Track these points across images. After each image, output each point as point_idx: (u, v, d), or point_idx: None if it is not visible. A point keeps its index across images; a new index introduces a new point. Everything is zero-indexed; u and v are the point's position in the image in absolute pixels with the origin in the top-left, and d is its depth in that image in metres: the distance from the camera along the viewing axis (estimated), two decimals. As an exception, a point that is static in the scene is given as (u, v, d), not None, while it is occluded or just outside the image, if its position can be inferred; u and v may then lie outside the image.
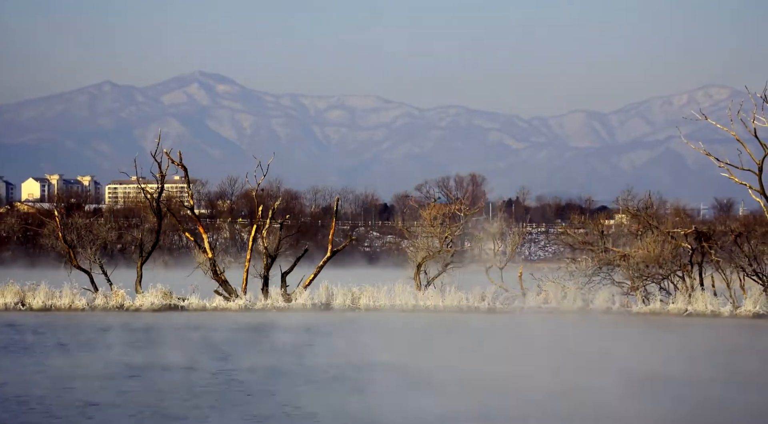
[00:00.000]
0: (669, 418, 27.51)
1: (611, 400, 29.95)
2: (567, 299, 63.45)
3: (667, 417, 27.55)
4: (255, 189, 69.60)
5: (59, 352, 41.86)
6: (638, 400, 29.84)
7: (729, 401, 30.22)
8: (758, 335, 52.71)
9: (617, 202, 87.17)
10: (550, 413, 28.03)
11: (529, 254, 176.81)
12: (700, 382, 34.22)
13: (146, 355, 40.75)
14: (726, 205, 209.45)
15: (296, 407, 28.88)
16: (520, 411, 28.24)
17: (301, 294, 65.06)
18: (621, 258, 64.50)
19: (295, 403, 29.43)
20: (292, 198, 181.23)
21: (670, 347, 45.49)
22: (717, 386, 33.38)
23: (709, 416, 28.00)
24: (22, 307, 63.66)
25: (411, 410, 28.26)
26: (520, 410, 28.44)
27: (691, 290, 62.71)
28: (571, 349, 44.13)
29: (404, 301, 64.84)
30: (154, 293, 64.50)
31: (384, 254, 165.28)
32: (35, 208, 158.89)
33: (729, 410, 28.82)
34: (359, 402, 29.75)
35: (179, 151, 67.59)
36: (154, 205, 69.17)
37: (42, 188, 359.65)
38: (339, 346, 44.70)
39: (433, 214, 69.65)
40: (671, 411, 28.32)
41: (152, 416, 27.50)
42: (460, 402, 29.63)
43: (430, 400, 29.94)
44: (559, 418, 27.42)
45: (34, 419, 27.32)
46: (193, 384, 32.93)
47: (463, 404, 29.28)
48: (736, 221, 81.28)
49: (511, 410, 28.42)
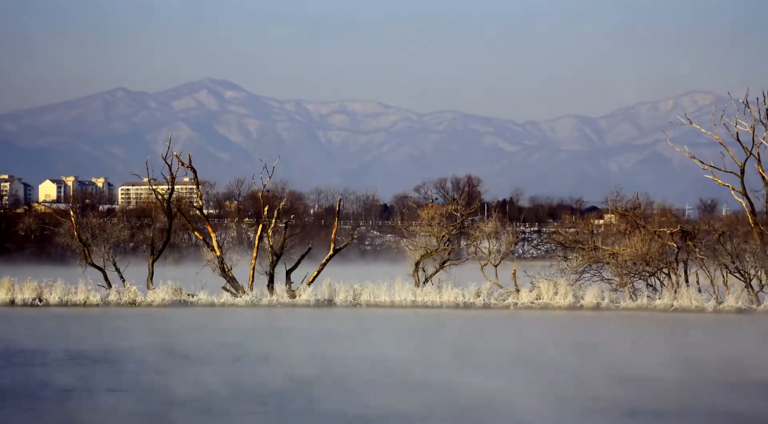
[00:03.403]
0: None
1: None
2: (558, 295, 63.41)
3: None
4: (261, 190, 69.63)
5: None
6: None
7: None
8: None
9: (606, 203, 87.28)
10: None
11: (522, 252, 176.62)
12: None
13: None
14: (710, 206, 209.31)
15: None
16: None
17: (305, 290, 65.02)
18: (610, 256, 64.47)
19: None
20: (296, 199, 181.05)
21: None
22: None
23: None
24: (39, 302, 63.64)
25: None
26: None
27: (676, 287, 62.68)
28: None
29: (403, 297, 64.77)
30: (165, 289, 64.46)
31: (384, 252, 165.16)
32: (52, 209, 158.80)
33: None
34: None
35: (189, 154, 67.57)
36: (164, 205, 69.13)
37: (58, 189, 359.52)
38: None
39: (430, 214, 69.58)
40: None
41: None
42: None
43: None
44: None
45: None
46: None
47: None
48: (720, 221, 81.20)
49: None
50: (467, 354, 39.58)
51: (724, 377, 33.53)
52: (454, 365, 36.46)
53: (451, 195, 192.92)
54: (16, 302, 63.75)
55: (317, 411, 27.09)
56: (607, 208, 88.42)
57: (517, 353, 40.32)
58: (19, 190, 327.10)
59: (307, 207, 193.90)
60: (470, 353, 39.97)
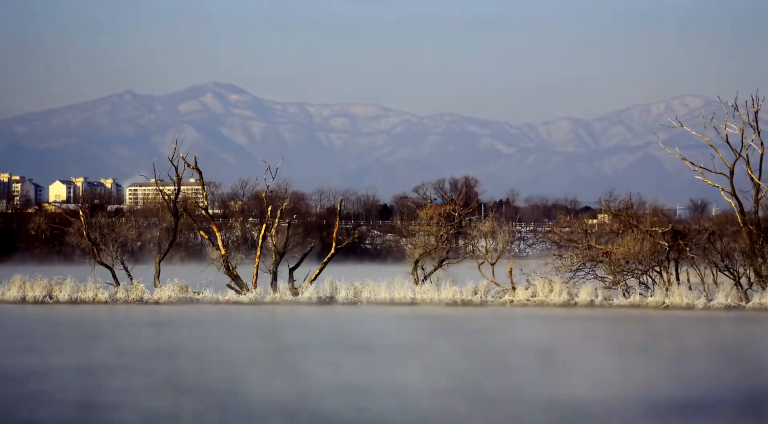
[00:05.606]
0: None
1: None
2: (553, 292, 63.45)
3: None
4: (264, 191, 69.66)
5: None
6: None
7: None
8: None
9: (600, 203, 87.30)
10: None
11: (518, 251, 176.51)
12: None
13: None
14: (700, 206, 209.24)
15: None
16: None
17: (307, 288, 65.06)
18: (603, 255, 64.51)
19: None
20: (298, 199, 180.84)
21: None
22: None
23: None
24: (49, 300, 63.72)
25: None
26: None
27: (668, 285, 62.73)
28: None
29: (403, 295, 64.80)
30: (172, 287, 64.50)
31: (384, 251, 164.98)
32: (62, 209, 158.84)
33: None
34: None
35: (194, 155, 67.65)
36: (171, 205, 69.18)
37: (68, 190, 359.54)
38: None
39: (429, 214, 69.65)
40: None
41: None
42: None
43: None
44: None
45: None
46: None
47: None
48: (710, 221, 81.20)
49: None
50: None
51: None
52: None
53: (449, 195, 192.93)
54: (27, 299, 63.86)
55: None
56: (601, 209, 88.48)
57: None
58: (30, 190, 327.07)
59: (309, 207, 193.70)
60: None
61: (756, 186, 63.70)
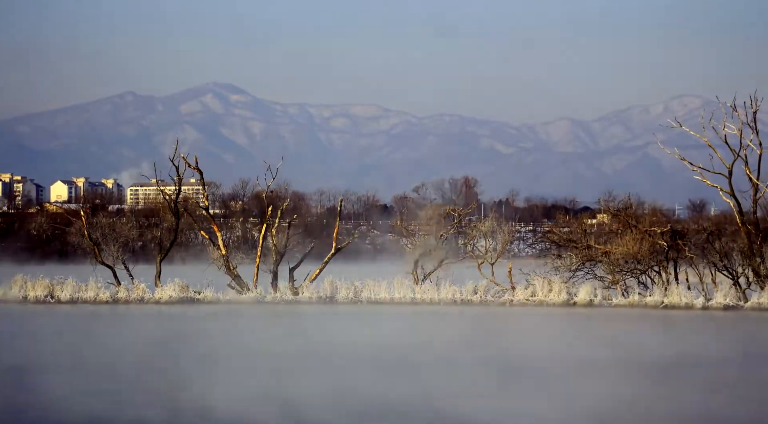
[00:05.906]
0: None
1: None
2: (553, 292, 63.39)
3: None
4: (265, 191, 69.60)
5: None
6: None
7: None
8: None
9: (599, 203, 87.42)
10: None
11: (518, 251, 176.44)
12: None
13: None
14: (699, 206, 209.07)
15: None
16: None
17: (307, 288, 65.02)
18: (602, 254, 64.47)
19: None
20: (299, 199, 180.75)
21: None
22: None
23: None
24: (51, 299, 63.68)
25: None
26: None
27: (666, 284, 62.68)
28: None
29: (403, 294, 64.74)
30: (173, 287, 64.45)
31: (384, 250, 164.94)
32: (63, 209, 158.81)
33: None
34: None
35: (195, 156, 67.62)
36: (172, 205, 69.15)
37: (69, 190, 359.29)
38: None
39: (429, 214, 69.58)
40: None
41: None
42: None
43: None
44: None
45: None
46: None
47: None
48: (708, 221, 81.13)
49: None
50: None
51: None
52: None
53: (449, 196, 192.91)
54: (29, 298, 63.83)
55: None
56: (600, 209, 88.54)
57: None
58: (32, 190, 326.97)
59: (310, 207, 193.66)
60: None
61: (754, 186, 63.66)
